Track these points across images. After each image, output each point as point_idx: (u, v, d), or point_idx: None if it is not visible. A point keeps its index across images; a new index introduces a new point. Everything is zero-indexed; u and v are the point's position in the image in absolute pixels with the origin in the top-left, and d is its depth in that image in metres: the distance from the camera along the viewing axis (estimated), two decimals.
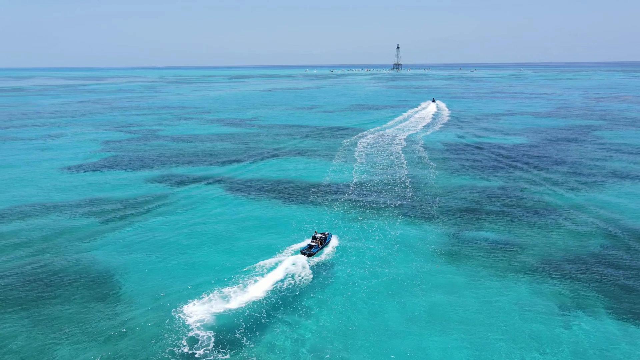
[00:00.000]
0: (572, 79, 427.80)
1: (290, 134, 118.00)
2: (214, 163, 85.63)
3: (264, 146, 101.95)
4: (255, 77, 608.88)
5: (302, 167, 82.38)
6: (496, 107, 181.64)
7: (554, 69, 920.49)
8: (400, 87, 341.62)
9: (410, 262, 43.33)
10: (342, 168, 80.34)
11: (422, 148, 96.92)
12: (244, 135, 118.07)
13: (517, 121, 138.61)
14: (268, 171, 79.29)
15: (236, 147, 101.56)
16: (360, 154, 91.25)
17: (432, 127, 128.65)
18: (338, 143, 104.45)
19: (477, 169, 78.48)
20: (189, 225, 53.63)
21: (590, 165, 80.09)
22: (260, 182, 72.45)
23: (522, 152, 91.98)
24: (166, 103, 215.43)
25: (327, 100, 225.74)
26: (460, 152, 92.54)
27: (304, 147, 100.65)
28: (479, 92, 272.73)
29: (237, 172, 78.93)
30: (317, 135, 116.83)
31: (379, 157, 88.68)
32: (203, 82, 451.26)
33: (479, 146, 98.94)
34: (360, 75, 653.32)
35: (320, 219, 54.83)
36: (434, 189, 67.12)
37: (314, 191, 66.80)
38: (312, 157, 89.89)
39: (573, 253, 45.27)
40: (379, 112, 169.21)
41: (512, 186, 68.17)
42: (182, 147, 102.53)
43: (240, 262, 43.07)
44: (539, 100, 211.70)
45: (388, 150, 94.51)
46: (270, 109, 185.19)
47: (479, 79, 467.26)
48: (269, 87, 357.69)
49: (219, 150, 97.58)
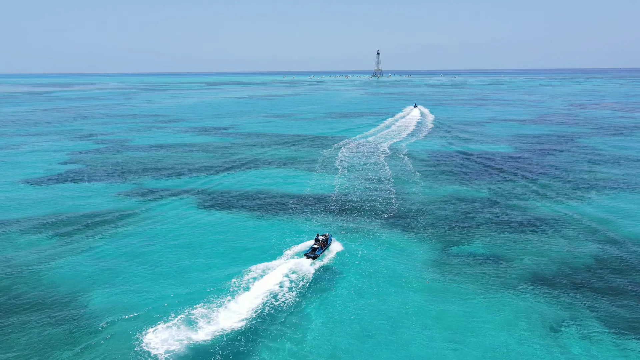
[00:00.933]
0: (553, 86, 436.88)
1: (268, 143, 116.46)
2: (187, 174, 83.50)
3: (241, 156, 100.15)
4: (231, 83, 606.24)
5: (281, 178, 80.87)
6: (480, 114, 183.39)
7: (535, 75, 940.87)
8: (381, 93, 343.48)
9: (398, 278, 42.10)
10: (323, 179, 79.10)
11: (407, 157, 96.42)
12: (219, 144, 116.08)
13: (502, 128, 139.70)
14: (245, 182, 77.54)
15: (211, 157, 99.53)
16: (342, 164, 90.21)
17: (416, 135, 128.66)
18: (318, 152, 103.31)
19: (463, 179, 78.09)
20: (160, 240, 51.54)
21: (579, 174, 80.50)
22: (237, 194, 70.66)
23: (508, 160, 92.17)
24: (137, 111, 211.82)
25: (306, 107, 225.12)
26: (445, 161, 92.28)
27: (283, 156, 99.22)
28: (462, 98, 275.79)
29: (212, 183, 76.98)
30: (296, 144, 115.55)
31: (361, 167, 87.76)
32: (176, 89, 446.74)
33: (464, 155, 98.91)
34: (340, 81, 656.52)
35: (300, 233, 53.33)
36: (420, 200, 66.31)
37: (294, 203, 65.33)
38: (291, 168, 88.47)
39: (566, 267, 44.69)
40: (360, 119, 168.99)
41: (500, 196, 67.81)
42: (154, 157, 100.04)
43: (216, 279, 41.23)
44: (522, 107, 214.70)
45: (371, 160, 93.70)
46: (247, 116, 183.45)
47: (461, 85, 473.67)
48: (245, 94, 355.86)
49: (193, 161, 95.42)
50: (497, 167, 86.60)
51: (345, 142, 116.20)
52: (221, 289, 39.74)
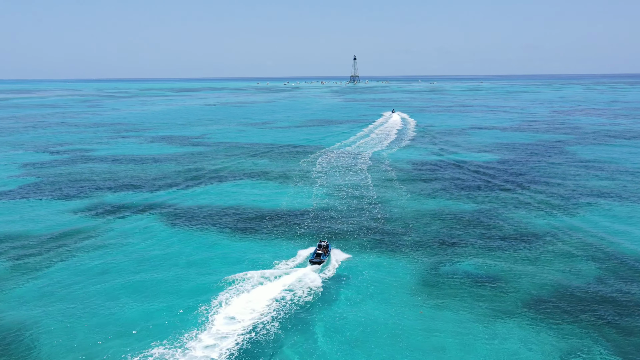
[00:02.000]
0: (533, 92, 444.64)
1: (241, 154, 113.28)
2: (154, 188, 79.74)
3: (212, 168, 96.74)
4: (202, 90, 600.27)
5: (256, 191, 77.88)
6: (461, 121, 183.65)
7: (514, 81, 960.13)
8: (359, 100, 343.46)
9: (390, 307, 39.56)
10: (301, 192, 76.40)
11: (389, 167, 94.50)
12: (188, 155, 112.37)
13: (486, 136, 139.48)
14: (217, 197, 74.28)
15: (180, 169, 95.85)
16: (320, 176, 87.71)
17: (398, 143, 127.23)
18: (295, 163, 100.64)
19: (449, 191, 76.40)
20: (122, 264, 48.00)
21: (570, 185, 79.66)
22: (207, 209, 67.36)
23: (496, 170, 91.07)
24: (101, 119, 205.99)
25: (281, 115, 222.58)
26: (430, 171, 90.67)
27: (257, 168, 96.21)
28: (442, 105, 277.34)
29: (181, 198, 73.48)
30: (271, 154, 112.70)
31: (341, 178, 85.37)
32: (144, 96, 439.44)
33: (449, 164, 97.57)
34: (316, 88, 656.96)
35: (278, 252, 50.45)
36: (406, 214, 64.16)
37: (270, 219, 62.43)
38: (266, 180, 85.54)
39: (565, 288, 42.89)
40: (338, 127, 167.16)
41: (490, 209, 66.20)
42: (118, 169, 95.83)
43: (185, 307, 38.00)
44: (504, 113, 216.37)
45: (352, 171, 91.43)
46: (218, 125, 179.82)
47: (441, 91, 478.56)
48: (217, 101, 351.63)
49: (160, 173, 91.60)
50: (484, 177, 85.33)
51: (323, 152, 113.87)
52: (190, 320, 36.56)
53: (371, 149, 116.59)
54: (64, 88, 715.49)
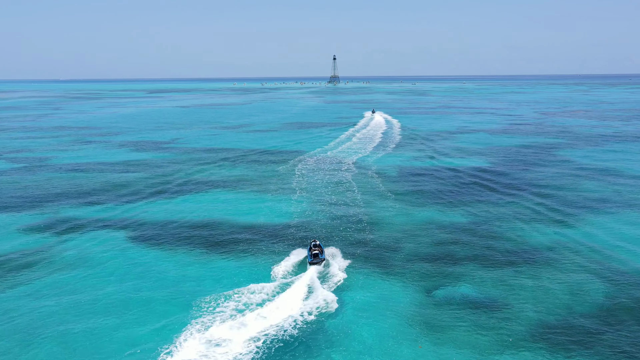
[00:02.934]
0: (517, 93, 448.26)
1: (214, 160, 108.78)
2: (118, 200, 74.94)
3: (183, 176, 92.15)
4: (175, 91, 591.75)
5: (230, 202, 73.67)
6: (447, 123, 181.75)
7: (496, 82, 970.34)
8: (339, 101, 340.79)
9: (384, 340, 35.87)
10: (280, 203, 72.44)
11: (376, 175, 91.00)
12: (158, 162, 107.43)
13: (474, 140, 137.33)
14: (188, 209, 69.89)
15: (148, 178, 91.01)
16: (301, 185, 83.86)
17: (384, 148, 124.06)
18: (273, 170, 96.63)
19: (439, 200, 73.29)
20: (80, 287, 43.46)
21: (566, 192, 77.20)
22: (178, 224, 62.97)
23: (487, 177, 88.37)
24: (66, 122, 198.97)
25: (258, 117, 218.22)
26: (418, 179, 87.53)
27: (232, 176, 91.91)
28: (426, 107, 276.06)
29: (149, 211, 68.90)
30: (246, 160, 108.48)
31: (324, 188, 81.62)
32: (114, 97, 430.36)
33: (438, 170, 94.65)
34: (295, 88, 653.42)
35: (256, 273, 46.45)
36: (396, 228, 60.69)
37: (246, 235, 58.39)
38: (242, 190, 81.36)
39: (573, 312, 39.79)
40: (318, 130, 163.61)
41: (484, 222, 63.16)
42: (79, 179, 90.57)
43: (154, 334, 33.75)
44: (490, 115, 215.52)
45: (335, 179, 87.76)
46: (191, 128, 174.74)
47: (423, 92, 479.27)
48: (191, 102, 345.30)
49: (125, 183, 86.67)
50: (477, 185, 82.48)
51: (303, 158, 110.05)
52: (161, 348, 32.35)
53: (355, 155, 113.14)
54: (27, 89, 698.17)
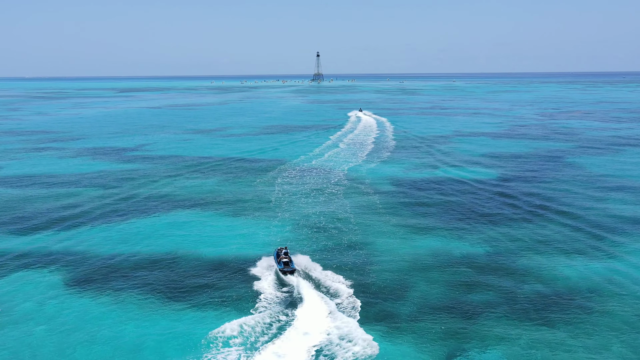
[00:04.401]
0: (511, 92, 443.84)
1: (182, 171, 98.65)
2: (60, 224, 64.63)
3: (144, 192, 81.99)
4: (147, 90, 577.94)
5: (196, 227, 63.84)
6: (443, 125, 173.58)
7: (486, 80, 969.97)
8: (324, 101, 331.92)
9: None
10: (255, 228, 62.77)
11: (371, 190, 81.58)
12: (118, 174, 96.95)
13: (475, 144, 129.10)
14: (145, 237, 59.95)
15: (102, 194, 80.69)
16: (282, 203, 74.34)
17: (377, 155, 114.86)
18: (249, 184, 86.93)
19: (448, 223, 64.33)
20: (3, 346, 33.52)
21: (596, 210, 68.59)
22: (130, 258, 53.06)
23: (498, 190, 79.72)
24: (20, 126, 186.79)
25: (236, 119, 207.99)
26: (419, 195, 78.53)
27: (202, 192, 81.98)
28: (417, 107, 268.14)
29: (96, 240, 58.77)
30: (220, 171, 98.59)
31: (309, 207, 72.11)
32: (79, 97, 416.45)
33: (440, 183, 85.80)
34: (276, 87, 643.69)
35: (231, 334, 36.80)
36: (397, 264, 51.45)
37: (219, 271, 48.79)
38: (211, 210, 71.54)
39: None
40: (303, 135, 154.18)
41: (504, 250, 54.36)
42: (18, 197, 79.97)
43: None
44: (488, 116, 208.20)
45: (322, 196, 78.31)
46: (161, 132, 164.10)
47: (412, 91, 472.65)
48: (163, 103, 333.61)
49: (74, 201, 76.27)
50: (488, 201, 73.75)
51: (285, 168, 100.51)
52: None
53: (344, 164, 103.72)
54: None
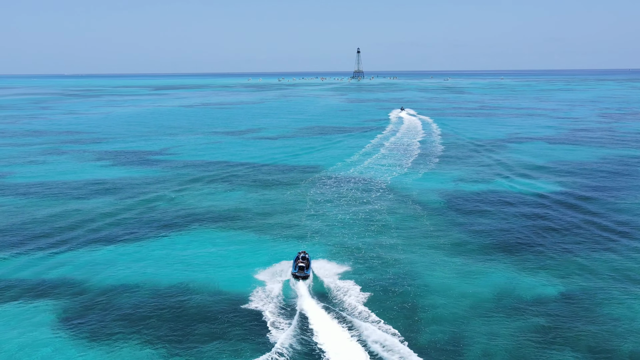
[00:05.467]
0: (565, 90, 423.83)
1: (206, 179, 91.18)
2: (63, 244, 57.73)
3: (164, 204, 74.74)
4: (183, 87, 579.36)
5: (213, 252, 55.85)
6: (495, 128, 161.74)
7: (537, 77, 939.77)
8: (364, 100, 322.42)
9: None
10: (283, 254, 54.19)
11: (419, 206, 71.77)
12: (138, 180, 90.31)
13: (534, 151, 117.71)
14: (159, 261, 52.40)
15: (117, 206, 73.78)
16: (314, 222, 65.65)
17: (424, 162, 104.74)
18: (279, 197, 78.68)
19: (513, 249, 54.49)
20: None
21: None
22: (138, 289, 45.41)
23: (566, 209, 68.99)
24: (47, 126, 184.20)
25: (270, 120, 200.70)
26: (474, 213, 68.65)
27: (224, 206, 74.10)
28: (466, 107, 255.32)
29: (104, 264, 51.50)
30: (248, 179, 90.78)
31: (346, 229, 63.14)
32: (114, 95, 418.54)
33: (499, 198, 75.63)
34: (315, 85, 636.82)
35: None
36: (453, 304, 42.05)
37: (237, 315, 40.55)
38: (233, 230, 63.49)
39: None
40: (340, 137, 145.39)
41: (584, 291, 44.27)
42: (24, 207, 73.90)
43: None
44: (543, 118, 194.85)
45: (362, 214, 69.19)
46: (190, 133, 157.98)
47: (459, 90, 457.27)
48: (196, 101, 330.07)
49: (83, 215, 69.49)
50: (554, 223, 63.29)
51: (320, 177, 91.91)
52: None
53: (387, 173, 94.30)
54: (25, 86, 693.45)
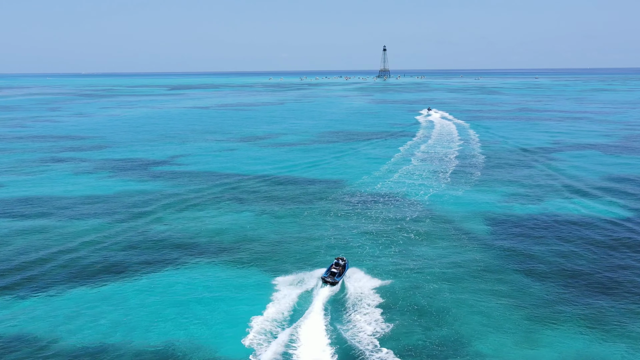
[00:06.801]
0: (606, 90, 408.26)
1: (216, 195, 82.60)
2: (35, 282, 49.53)
3: (163, 229, 66.26)
4: (200, 87, 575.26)
5: (214, 297, 47.02)
6: (540, 135, 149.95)
7: (574, 76, 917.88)
8: (391, 101, 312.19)
9: None
10: (298, 300, 45.09)
11: (462, 234, 61.73)
12: (135, 197, 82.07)
13: (584, 161, 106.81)
14: (148, 318, 43.76)
15: (108, 231, 65.50)
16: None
17: (464, 176, 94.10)
18: (296, 219, 69.70)
19: (582, 302, 44.68)
20: None
21: None
22: (124, 355, 36.82)
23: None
24: (49, 129, 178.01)
25: (290, 124, 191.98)
26: (530, 244, 58.69)
27: (234, 230, 65.40)
28: (503, 110, 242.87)
29: (62, 319, 43.06)
30: (262, 196, 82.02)
31: (377, 267, 53.82)
32: (128, 95, 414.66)
33: (555, 224, 65.48)
34: (339, 84, 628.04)
35: None
36: None
37: None
38: (237, 266, 54.61)
39: None
40: (366, 144, 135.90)
41: None
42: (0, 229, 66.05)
43: None
44: (590, 122, 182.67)
45: (394, 248, 59.66)
46: (202, 139, 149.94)
47: (492, 90, 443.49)
48: (213, 102, 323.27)
49: (65, 244, 61.34)
50: (632, 260, 53.12)
51: (343, 194, 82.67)
52: None
53: (422, 190, 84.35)
54: (38, 85, 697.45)
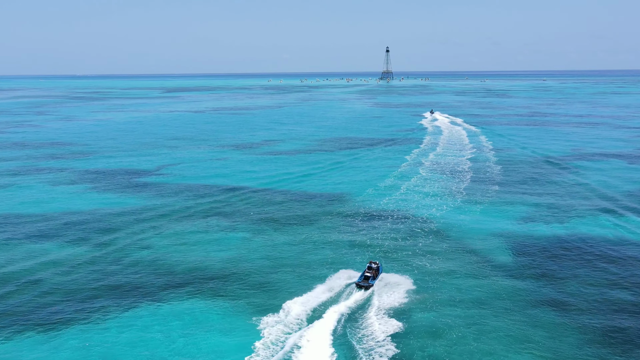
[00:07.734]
0: (621, 93, 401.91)
1: (203, 214, 75.87)
2: None
3: (141, 256, 59.55)
4: (197, 89, 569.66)
5: (191, 342, 40.25)
6: (557, 143, 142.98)
7: (583, 78, 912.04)
8: (394, 104, 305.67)
9: None
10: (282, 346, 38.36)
11: (484, 263, 54.64)
12: (114, 216, 75.37)
13: (609, 174, 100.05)
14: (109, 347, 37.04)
15: (75, 258, 58.80)
16: (340, 293, 49.65)
17: (481, 192, 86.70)
18: (290, 244, 62.91)
19: None
20: None
21: None
22: None
23: None
24: (31, 135, 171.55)
25: (288, 129, 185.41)
26: (560, 273, 51.90)
27: (221, 255, 58.68)
28: (514, 114, 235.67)
29: None
30: (253, 213, 75.35)
31: (383, 306, 47.07)
32: (121, 98, 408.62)
33: (586, 247, 58.71)
34: (340, 86, 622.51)
35: None
36: None
37: None
38: (223, 302, 47.86)
39: None
40: (370, 153, 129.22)
41: None
42: None
43: None
44: (608, 128, 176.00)
45: (407, 276, 53.00)
46: (193, 146, 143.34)
47: (500, 93, 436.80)
48: (209, 105, 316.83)
49: (32, 274, 54.66)
50: None
51: (347, 212, 75.96)
52: None
53: (433, 206, 77.48)
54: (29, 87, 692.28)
